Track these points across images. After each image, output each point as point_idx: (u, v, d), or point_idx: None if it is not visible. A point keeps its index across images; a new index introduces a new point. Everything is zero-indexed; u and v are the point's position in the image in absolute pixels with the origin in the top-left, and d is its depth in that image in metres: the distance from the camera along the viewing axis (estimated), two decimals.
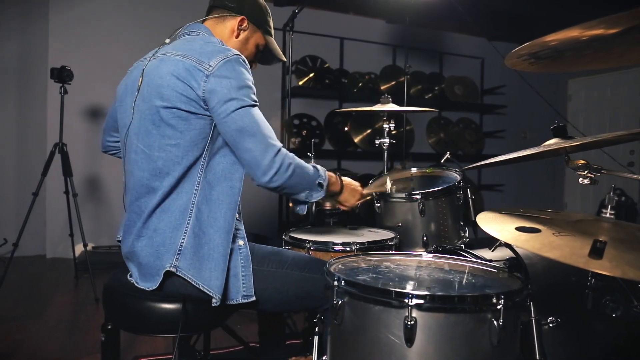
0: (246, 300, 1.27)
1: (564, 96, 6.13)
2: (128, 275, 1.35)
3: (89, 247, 3.78)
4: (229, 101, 1.19)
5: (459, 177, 1.86)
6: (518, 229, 0.93)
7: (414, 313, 0.90)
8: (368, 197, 1.69)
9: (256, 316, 1.85)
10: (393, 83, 5.16)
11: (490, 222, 0.99)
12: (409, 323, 0.89)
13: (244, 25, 1.42)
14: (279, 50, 1.53)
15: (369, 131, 5.08)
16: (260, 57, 1.54)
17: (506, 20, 5.08)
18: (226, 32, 1.41)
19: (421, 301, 0.89)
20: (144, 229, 1.24)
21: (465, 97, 5.53)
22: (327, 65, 4.98)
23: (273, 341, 1.77)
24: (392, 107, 2.20)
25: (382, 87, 5.12)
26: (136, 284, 1.29)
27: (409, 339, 0.90)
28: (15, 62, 4.20)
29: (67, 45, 4.09)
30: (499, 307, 0.89)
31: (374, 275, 1.10)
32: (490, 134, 5.72)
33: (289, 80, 3.30)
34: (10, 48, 4.16)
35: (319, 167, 1.34)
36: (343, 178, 1.48)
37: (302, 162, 1.28)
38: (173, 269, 1.20)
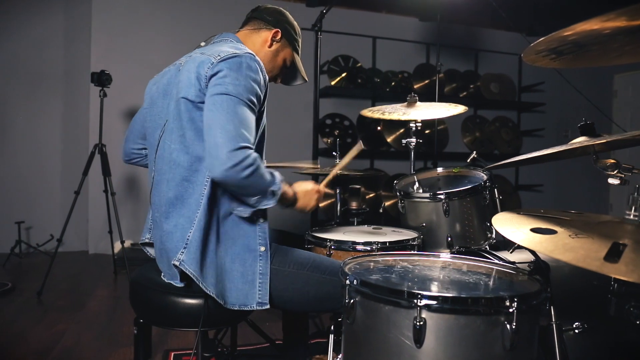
0: (260, 308, 1.28)
1: (609, 92, 5.84)
2: (161, 275, 1.38)
3: (128, 244, 3.94)
4: (219, 85, 1.20)
5: (485, 177, 1.81)
6: (533, 230, 0.90)
7: (423, 314, 0.89)
8: (330, 191, 1.63)
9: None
10: (426, 82, 5.09)
11: (506, 223, 0.97)
12: (417, 324, 0.88)
13: (278, 37, 1.49)
14: (303, 70, 1.58)
15: (401, 131, 5.03)
16: (285, 73, 1.59)
17: (547, 13, 4.89)
18: (259, 41, 1.47)
19: (430, 302, 0.88)
20: (165, 224, 1.29)
21: (502, 94, 5.37)
22: (359, 64, 4.97)
23: (296, 339, 1.79)
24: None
25: (415, 86, 5.06)
26: (166, 281, 1.33)
27: (418, 340, 0.89)
28: (61, 68, 4.43)
29: (108, 51, 4.28)
30: (511, 310, 0.87)
31: (388, 275, 1.10)
32: (528, 133, 5.54)
33: (316, 81, 3.31)
34: (56, 55, 4.40)
35: (276, 174, 1.28)
36: (296, 185, 1.40)
37: (263, 168, 1.23)
38: (177, 262, 1.23)
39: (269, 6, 1.54)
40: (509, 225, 0.96)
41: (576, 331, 1.20)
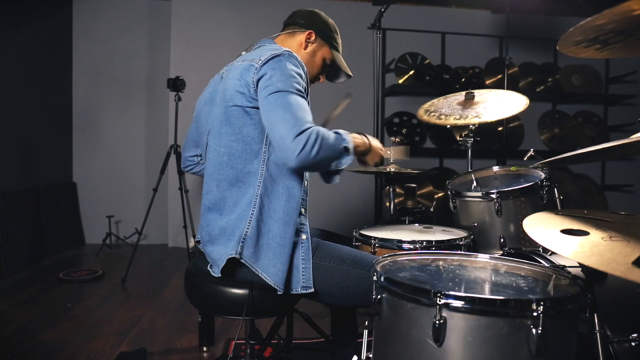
0: (305, 291, 1.34)
1: None
2: (207, 266, 1.48)
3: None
4: (270, 86, 1.26)
5: (543, 176, 1.72)
6: (563, 231, 0.86)
7: (444, 312, 0.88)
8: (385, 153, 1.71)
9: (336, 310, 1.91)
10: (499, 77, 4.85)
11: (538, 223, 0.93)
12: (437, 322, 0.88)
13: (312, 38, 1.53)
14: (345, 66, 1.60)
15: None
16: (328, 71, 1.63)
17: None
18: (295, 45, 1.53)
19: (450, 301, 0.88)
20: (216, 220, 1.38)
21: (585, 87, 4.96)
22: (427, 61, 4.86)
23: (344, 336, 1.82)
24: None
25: (487, 82, 4.84)
26: (212, 274, 1.44)
27: (438, 339, 0.88)
28: (145, 75, 4.85)
29: (185, 58, 4.60)
30: (536, 314, 0.84)
31: (417, 274, 1.10)
32: (617, 128, 5.06)
33: (377, 79, 3.30)
34: (141, 63, 4.82)
35: (340, 131, 1.33)
36: (369, 136, 1.48)
37: (326, 133, 1.26)
38: (237, 256, 1.31)
39: (302, 10, 1.58)
40: (541, 225, 0.92)
41: (632, 344, 1.11)
